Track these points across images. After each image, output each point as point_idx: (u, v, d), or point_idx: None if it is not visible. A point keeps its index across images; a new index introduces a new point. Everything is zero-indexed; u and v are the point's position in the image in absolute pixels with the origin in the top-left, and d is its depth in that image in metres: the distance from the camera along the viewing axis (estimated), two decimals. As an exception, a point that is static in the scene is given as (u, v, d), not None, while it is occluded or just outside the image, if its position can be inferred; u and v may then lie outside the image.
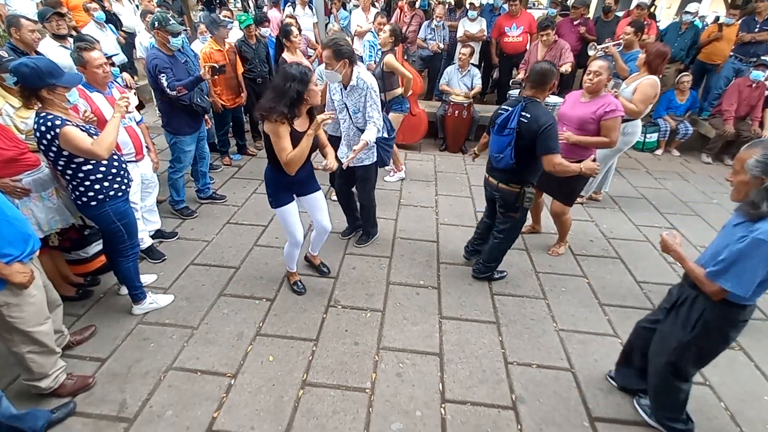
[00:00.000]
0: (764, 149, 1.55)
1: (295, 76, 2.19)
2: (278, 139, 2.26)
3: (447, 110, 5.25)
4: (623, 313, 2.90)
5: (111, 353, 2.42)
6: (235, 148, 5.15)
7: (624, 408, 2.24)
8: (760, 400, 2.33)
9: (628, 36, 4.31)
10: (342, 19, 6.92)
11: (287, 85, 2.18)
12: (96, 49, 2.55)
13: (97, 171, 2.22)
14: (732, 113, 5.27)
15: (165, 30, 3.23)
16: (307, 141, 2.30)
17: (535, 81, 2.59)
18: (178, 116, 3.43)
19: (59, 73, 2.04)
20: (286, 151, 2.28)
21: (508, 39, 5.86)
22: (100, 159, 2.13)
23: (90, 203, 2.26)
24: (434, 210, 4.13)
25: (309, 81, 2.23)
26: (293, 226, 2.65)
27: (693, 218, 4.22)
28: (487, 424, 2.12)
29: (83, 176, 2.19)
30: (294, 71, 2.20)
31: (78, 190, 2.23)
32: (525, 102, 2.60)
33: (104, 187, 2.26)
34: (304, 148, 2.30)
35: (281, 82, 2.20)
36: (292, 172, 2.36)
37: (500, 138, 2.64)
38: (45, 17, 3.70)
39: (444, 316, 2.80)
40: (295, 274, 2.98)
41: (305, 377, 2.32)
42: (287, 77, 2.19)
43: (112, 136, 2.14)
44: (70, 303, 2.70)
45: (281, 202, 2.57)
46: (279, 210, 2.60)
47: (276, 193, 2.56)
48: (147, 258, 3.16)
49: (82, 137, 2.05)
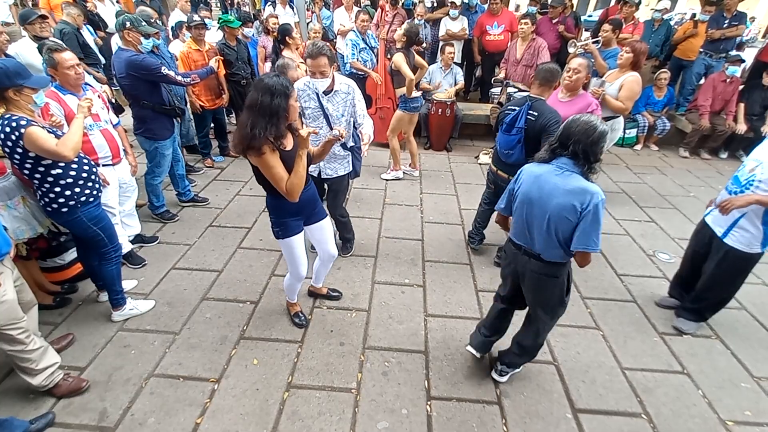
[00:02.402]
0: None
1: (274, 89, 1.83)
2: (271, 170, 1.94)
3: (430, 109, 5.27)
4: (604, 305, 2.95)
5: (90, 361, 2.36)
6: (218, 149, 5.09)
7: (606, 399, 2.28)
8: (737, 387, 2.39)
9: (607, 33, 4.39)
10: (325, 18, 6.90)
11: (267, 100, 1.82)
12: (67, 50, 2.49)
13: (67, 175, 2.17)
14: (707, 108, 5.41)
15: (137, 31, 3.12)
16: (301, 163, 1.98)
17: (544, 79, 2.71)
18: (157, 121, 3.34)
19: (27, 74, 2.00)
20: (284, 179, 1.97)
21: (489, 37, 5.90)
22: (65, 159, 2.08)
23: (61, 210, 2.20)
24: (419, 208, 4.14)
25: (290, 94, 1.90)
26: (299, 259, 2.35)
27: (671, 211, 4.32)
28: (472, 420, 2.14)
29: (52, 181, 2.14)
30: (273, 83, 1.84)
31: (48, 197, 2.17)
32: (531, 101, 2.72)
33: (75, 192, 2.21)
34: (301, 172, 1.98)
35: (259, 96, 1.82)
36: (296, 198, 2.04)
37: (509, 137, 2.78)
38: (28, 19, 3.66)
39: (429, 314, 2.81)
40: (296, 305, 2.71)
41: (290, 379, 2.31)
42: (266, 90, 1.82)
43: (76, 136, 2.10)
44: (48, 311, 2.63)
45: (289, 231, 2.24)
46: (286, 241, 2.27)
47: (283, 222, 2.22)
48: (127, 263, 3.09)
49: (46, 137, 2.01)
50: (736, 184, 2.34)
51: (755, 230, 2.29)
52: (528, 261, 1.95)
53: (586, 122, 1.72)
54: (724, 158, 5.76)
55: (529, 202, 1.87)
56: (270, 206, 2.23)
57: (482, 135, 5.94)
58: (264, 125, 1.84)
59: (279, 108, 1.85)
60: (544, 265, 1.89)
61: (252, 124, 1.83)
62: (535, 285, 1.99)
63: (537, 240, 1.88)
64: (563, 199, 1.73)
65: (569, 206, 1.71)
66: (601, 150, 1.72)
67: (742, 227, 2.32)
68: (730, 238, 2.38)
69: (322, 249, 2.54)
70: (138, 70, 3.09)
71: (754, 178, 2.23)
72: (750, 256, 2.38)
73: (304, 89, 2.69)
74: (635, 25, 5.75)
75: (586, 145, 1.69)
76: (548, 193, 1.78)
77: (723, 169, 5.40)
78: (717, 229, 2.47)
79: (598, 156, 1.72)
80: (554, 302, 2.01)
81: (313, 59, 2.47)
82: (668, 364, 2.51)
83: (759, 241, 2.32)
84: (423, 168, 5.04)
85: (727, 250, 2.41)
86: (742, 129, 5.33)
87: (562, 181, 1.75)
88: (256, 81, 1.90)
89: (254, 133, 1.82)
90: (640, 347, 2.62)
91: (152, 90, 3.26)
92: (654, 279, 3.26)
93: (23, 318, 1.93)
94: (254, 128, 1.83)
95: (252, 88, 1.87)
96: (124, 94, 3.29)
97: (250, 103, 1.85)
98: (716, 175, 5.23)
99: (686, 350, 2.61)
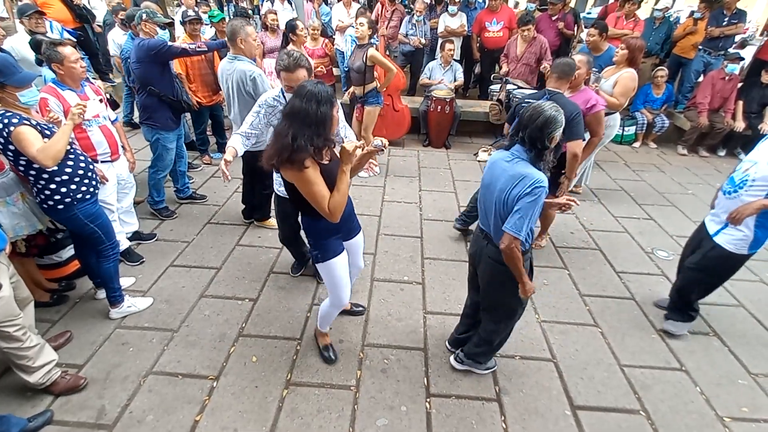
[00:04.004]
0: None
1: (320, 96, 1.67)
2: (312, 187, 1.73)
3: (429, 106, 5.25)
4: (603, 302, 2.96)
5: (88, 359, 2.35)
6: (215, 146, 5.06)
7: (605, 395, 2.29)
8: (734, 384, 2.40)
9: (593, 38, 4.34)
10: (324, 14, 6.85)
11: (313, 108, 1.65)
12: (68, 45, 2.47)
13: (62, 173, 2.15)
14: (706, 106, 5.41)
15: (153, 22, 3.25)
16: (345, 179, 1.78)
17: (562, 72, 2.74)
18: (162, 110, 3.36)
19: (10, 72, 1.96)
20: (326, 198, 1.76)
21: (488, 34, 5.88)
22: (44, 167, 2.04)
23: (57, 207, 2.19)
24: (418, 206, 4.13)
25: (335, 103, 1.75)
26: (342, 282, 2.09)
27: (670, 209, 4.32)
28: (471, 416, 2.15)
29: (47, 178, 2.12)
30: (318, 90, 1.68)
31: (43, 194, 2.16)
32: (549, 95, 2.72)
33: (71, 189, 2.19)
34: (344, 189, 1.79)
35: (303, 104, 1.65)
36: (338, 219, 1.82)
37: None
38: (25, 13, 3.68)
39: (428, 311, 2.81)
40: (326, 336, 2.46)
41: (289, 377, 2.30)
42: (311, 97, 1.66)
43: (60, 144, 2.04)
44: (45, 309, 2.62)
45: (331, 253, 2.01)
46: (327, 264, 2.02)
47: (324, 244, 2.00)
48: (124, 261, 3.07)
49: (31, 141, 1.97)
50: (730, 184, 2.34)
51: (747, 231, 2.27)
52: (486, 245, 1.98)
53: (534, 108, 1.72)
54: (722, 156, 5.77)
55: (485, 187, 1.92)
56: (307, 228, 2.03)
57: (481, 132, 5.93)
58: (309, 136, 1.66)
59: (325, 117, 1.68)
60: (497, 251, 1.88)
61: (294, 135, 1.64)
62: (488, 270, 2.00)
63: (491, 224, 1.89)
64: (505, 184, 1.75)
65: (509, 191, 1.72)
66: (550, 136, 1.70)
67: (735, 228, 2.30)
68: (721, 236, 2.37)
69: (353, 263, 2.30)
70: (147, 52, 3.17)
71: (747, 178, 2.23)
72: (735, 257, 2.36)
73: (273, 104, 2.38)
74: (636, 22, 5.74)
75: (532, 130, 1.70)
76: (497, 178, 1.81)
77: (721, 167, 5.41)
78: (710, 227, 2.46)
79: (545, 142, 1.70)
80: (503, 292, 1.98)
81: (289, 72, 2.17)
82: (666, 361, 2.52)
83: (747, 244, 2.29)
84: (422, 165, 5.03)
85: (713, 246, 2.39)
86: (740, 127, 5.33)
87: (509, 167, 1.77)
88: (298, 88, 1.73)
89: (298, 145, 1.64)
90: (638, 344, 2.63)
91: (162, 78, 3.32)
92: (652, 276, 3.27)
93: (19, 315, 1.92)
94: (297, 139, 1.64)
95: (293, 95, 1.71)
96: (136, 80, 3.37)
97: (291, 111, 1.68)
98: (714, 173, 5.24)
99: (684, 347, 2.62)
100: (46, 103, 2.41)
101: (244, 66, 2.90)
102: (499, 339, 2.24)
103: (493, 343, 2.24)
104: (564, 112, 2.56)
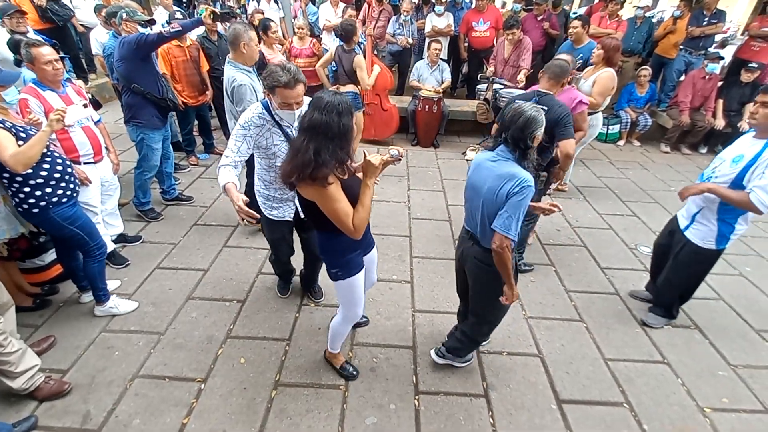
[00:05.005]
0: None
1: (341, 107, 1.57)
2: (335, 204, 1.64)
3: (417, 105, 5.28)
4: (588, 298, 3.01)
5: (72, 364, 2.32)
6: (202, 147, 5.02)
7: (589, 389, 2.33)
8: (715, 376, 2.47)
9: (576, 30, 4.43)
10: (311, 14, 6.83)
11: (335, 120, 1.56)
12: (45, 45, 2.42)
13: (37, 176, 2.11)
14: (687, 104, 5.53)
15: (134, 21, 3.24)
16: (369, 193, 1.72)
17: (554, 74, 2.75)
18: (146, 108, 3.32)
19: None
20: (350, 215, 1.68)
21: (475, 34, 5.93)
22: (15, 171, 2.00)
23: (32, 210, 2.15)
24: (406, 205, 4.15)
25: (354, 114, 1.66)
26: (361, 296, 2.04)
27: (653, 205, 4.41)
28: (459, 413, 2.17)
29: (21, 181, 2.08)
30: (337, 101, 1.58)
31: (18, 197, 2.12)
32: (539, 96, 2.73)
33: (46, 193, 2.15)
34: (368, 204, 1.72)
35: (323, 116, 1.55)
36: (360, 236, 1.75)
37: None
38: (6, 13, 3.65)
39: (417, 310, 2.83)
40: (339, 355, 2.35)
41: (278, 378, 2.30)
42: (331, 109, 1.56)
43: (32, 151, 1.99)
44: (28, 313, 2.57)
45: (355, 268, 1.93)
46: (350, 280, 1.93)
47: (346, 261, 1.91)
48: (109, 264, 3.02)
49: (4, 145, 1.93)
50: (700, 180, 2.45)
51: (711, 225, 2.37)
52: (471, 246, 1.99)
53: (515, 109, 1.75)
54: (704, 153, 5.90)
55: (471, 188, 1.92)
56: (327, 247, 1.91)
57: (469, 131, 5.97)
58: (332, 149, 1.58)
59: (348, 129, 1.60)
60: (482, 251, 1.91)
61: (317, 149, 1.55)
62: (473, 271, 2.02)
63: (478, 225, 1.91)
64: (493, 183, 1.76)
65: (497, 190, 1.74)
66: (532, 136, 1.72)
67: (700, 222, 2.41)
68: (690, 231, 2.48)
69: (367, 278, 2.17)
70: (128, 47, 3.11)
71: (713, 174, 2.33)
72: (704, 252, 2.44)
73: (260, 124, 2.07)
74: (619, 22, 5.84)
75: (515, 131, 1.72)
76: (483, 178, 1.82)
77: (702, 164, 5.52)
78: (681, 221, 2.56)
79: (527, 142, 1.73)
80: (489, 293, 1.99)
81: (290, 89, 1.92)
82: (649, 354, 2.58)
83: (713, 238, 2.38)
84: (410, 165, 5.05)
85: (684, 242, 2.50)
86: (720, 125, 5.46)
87: (496, 167, 1.78)
88: (315, 100, 1.62)
89: (322, 160, 1.56)
90: (622, 338, 2.68)
91: (145, 75, 3.27)
92: (636, 272, 3.34)
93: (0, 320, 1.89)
94: (321, 153, 1.55)
95: (311, 108, 1.61)
96: (120, 79, 3.32)
97: (312, 124, 1.57)
98: (696, 170, 5.35)
99: (666, 341, 2.68)
100: (26, 104, 2.37)
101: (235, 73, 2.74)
102: (482, 337, 2.27)
103: (477, 340, 2.27)
104: (554, 113, 2.62)
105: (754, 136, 2.23)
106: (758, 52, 5.63)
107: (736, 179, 2.19)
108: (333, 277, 1.95)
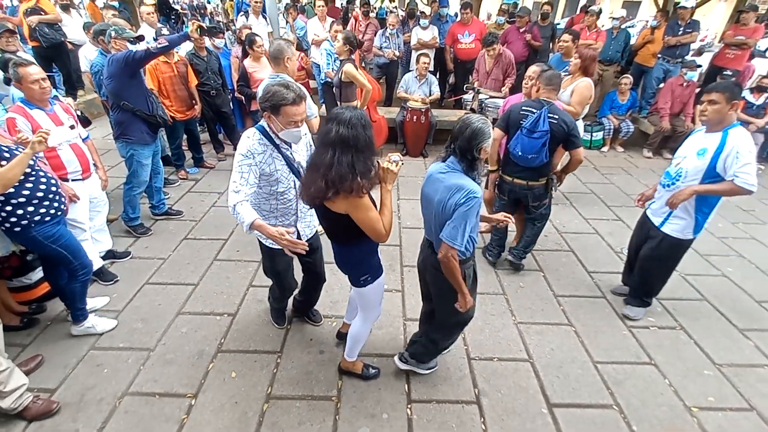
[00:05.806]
0: None
1: (363, 120, 1.64)
2: (369, 212, 1.71)
3: (405, 116, 5.36)
4: (576, 302, 3.06)
5: (61, 382, 2.29)
6: (191, 161, 5.03)
7: (579, 392, 2.36)
8: (701, 375, 2.51)
9: (567, 44, 4.53)
10: (299, 28, 6.93)
11: (361, 133, 1.62)
12: (32, 65, 2.45)
13: (19, 195, 2.10)
14: (667, 111, 5.69)
15: (123, 38, 3.27)
16: (389, 197, 1.81)
17: (551, 83, 2.85)
18: (135, 124, 3.34)
19: None
20: (380, 221, 1.74)
21: (461, 45, 6.07)
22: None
23: (14, 229, 2.14)
24: (396, 214, 4.19)
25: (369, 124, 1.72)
26: (382, 297, 2.14)
27: (637, 210, 4.47)
28: (452, 420, 2.18)
29: (4, 200, 2.07)
30: (358, 114, 1.64)
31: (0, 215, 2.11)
32: (548, 104, 2.82)
33: (28, 212, 2.14)
34: (390, 207, 1.81)
35: (349, 130, 1.60)
36: (387, 239, 1.82)
37: (533, 140, 2.81)
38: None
39: (408, 318, 2.85)
40: (357, 362, 2.37)
41: (270, 390, 2.30)
42: (356, 122, 1.62)
43: (11, 173, 1.97)
44: (15, 333, 2.54)
45: (380, 269, 2.02)
46: (379, 281, 2.02)
47: (371, 265, 1.97)
48: (98, 280, 3.01)
49: None
50: (667, 178, 2.58)
51: (689, 218, 2.52)
52: (430, 254, 2.02)
53: (462, 120, 1.79)
54: (685, 158, 6.04)
55: (425, 199, 1.96)
56: (350, 259, 1.95)
57: (457, 141, 6.05)
58: (364, 160, 1.64)
59: (372, 141, 1.68)
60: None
61: (351, 162, 1.60)
62: (432, 279, 2.06)
63: (434, 234, 1.94)
64: (442, 195, 1.79)
65: (445, 201, 1.77)
66: (479, 147, 1.74)
67: (678, 216, 2.55)
68: (667, 226, 2.60)
69: None
70: (117, 64, 3.15)
71: (681, 171, 2.47)
72: (682, 243, 2.61)
73: (262, 150, 1.96)
74: (598, 33, 6.01)
75: (462, 141, 1.75)
76: (434, 189, 1.85)
77: (684, 168, 5.67)
78: (655, 220, 2.69)
79: (474, 153, 1.75)
80: (449, 300, 2.00)
81: (297, 106, 1.86)
82: (637, 356, 2.62)
83: (692, 228, 2.55)
84: (400, 174, 5.06)
85: (663, 237, 2.63)
86: (699, 129, 5.61)
87: (445, 178, 1.81)
88: (335, 115, 1.65)
89: (358, 171, 1.61)
90: (610, 341, 2.73)
91: (134, 92, 3.30)
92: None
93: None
94: (356, 165, 1.61)
95: (334, 124, 1.63)
96: (109, 96, 3.35)
97: (341, 138, 1.60)
98: (678, 174, 5.48)
99: (653, 342, 2.73)
100: (14, 123, 2.38)
101: None
102: (445, 343, 2.30)
103: (439, 347, 2.31)
104: (565, 124, 2.74)
105: (706, 131, 2.42)
106: (733, 59, 5.84)
107: (708, 168, 2.34)
108: (362, 284, 1.98)
